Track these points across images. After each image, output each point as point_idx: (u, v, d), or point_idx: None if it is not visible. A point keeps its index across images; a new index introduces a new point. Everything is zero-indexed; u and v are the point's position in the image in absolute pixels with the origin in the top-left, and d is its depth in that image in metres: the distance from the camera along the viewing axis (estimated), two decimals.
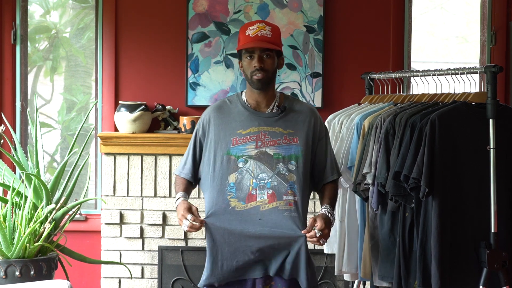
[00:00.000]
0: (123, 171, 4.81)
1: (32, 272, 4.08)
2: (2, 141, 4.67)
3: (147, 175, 4.81)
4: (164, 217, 4.82)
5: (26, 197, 4.24)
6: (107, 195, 4.81)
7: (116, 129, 4.92)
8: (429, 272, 3.30)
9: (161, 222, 4.81)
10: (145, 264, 4.83)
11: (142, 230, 4.83)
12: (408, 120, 3.44)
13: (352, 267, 3.96)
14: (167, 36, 4.98)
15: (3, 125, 4.68)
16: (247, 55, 3.15)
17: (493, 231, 3.31)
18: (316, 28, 4.94)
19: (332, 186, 3.28)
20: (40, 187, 4.29)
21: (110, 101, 4.97)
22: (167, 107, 4.90)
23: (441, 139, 3.29)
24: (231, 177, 3.13)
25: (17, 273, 4.06)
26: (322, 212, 3.15)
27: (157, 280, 4.83)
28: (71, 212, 4.43)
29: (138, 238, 4.83)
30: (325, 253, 4.22)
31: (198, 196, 4.73)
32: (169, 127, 4.91)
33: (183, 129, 4.81)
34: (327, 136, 3.29)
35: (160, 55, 4.99)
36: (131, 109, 4.76)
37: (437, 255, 3.26)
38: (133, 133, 4.78)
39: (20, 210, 4.18)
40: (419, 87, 4.03)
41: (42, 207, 4.22)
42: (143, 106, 4.77)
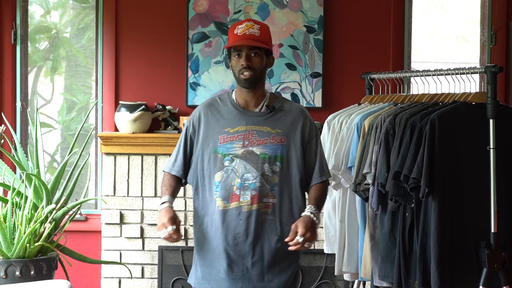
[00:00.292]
0: (123, 171, 4.82)
1: (32, 272, 4.08)
2: (3, 141, 4.67)
3: (147, 175, 4.82)
4: None
5: (27, 197, 4.24)
6: (107, 195, 4.82)
7: (116, 129, 4.92)
8: (429, 272, 3.30)
9: None
10: (145, 264, 4.83)
11: (142, 230, 4.83)
12: (408, 120, 3.45)
13: (352, 267, 3.96)
14: (167, 36, 4.99)
15: (3, 125, 4.68)
16: (235, 53, 3.12)
17: (493, 231, 3.32)
18: (316, 28, 4.95)
19: (319, 186, 3.18)
20: (40, 187, 4.30)
21: (110, 101, 4.97)
22: (167, 107, 4.90)
23: (441, 139, 3.29)
24: (217, 176, 3.10)
25: (17, 273, 4.06)
26: (304, 215, 3.07)
27: (157, 280, 4.83)
28: (71, 212, 4.43)
29: (138, 238, 4.83)
30: (325, 253, 4.22)
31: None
32: (169, 127, 4.91)
33: (183, 129, 4.80)
34: (317, 137, 3.21)
35: (160, 55, 4.99)
36: (131, 109, 4.76)
37: (437, 255, 3.26)
38: (133, 133, 4.78)
39: (20, 210, 4.18)
40: (419, 87, 4.03)
41: (42, 207, 4.22)
42: (143, 106, 4.78)
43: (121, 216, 4.82)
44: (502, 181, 3.37)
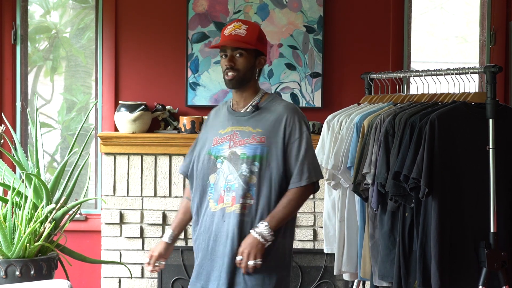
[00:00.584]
0: (123, 171, 4.82)
1: (32, 272, 4.08)
2: (2, 141, 4.67)
3: (147, 175, 4.82)
4: (164, 217, 4.83)
5: (26, 197, 4.24)
6: (107, 195, 4.82)
7: (116, 129, 4.92)
8: (429, 272, 3.30)
9: (161, 222, 4.82)
10: (145, 264, 4.83)
11: (142, 230, 4.84)
12: (408, 120, 3.45)
13: (352, 266, 3.96)
14: (167, 36, 4.99)
15: (3, 125, 4.69)
16: (221, 54, 3.09)
17: (492, 231, 3.32)
18: (316, 28, 4.95)
19: (291, 192, 3.03)
20: (40, 187, 4.30)
21: (110, 101, 4.97)
22: (167, 107, 4.90)
23: (440, 139, 3.29)
24: (211, 178, 3.09)
25: (17, 272, 4.06)
26: (248, 235, 3.01)
27: (157, 280, 4.83)
28: (71, 212, 4.43)
29: (138, 238, 4.83)
30: (325, 252, 4.23)
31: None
32: (169, 127, 4.92)
33: (183, 129, 4.81)
34: (302, 139, 3.05)
35: (160, 55, 4.99)
36: (131, 109, 4.77)
37: (437, 255, 3.26)
38: (133, 133, 4.78)
39: (20, 210, 4.18)
40: (418, 87, 4.03)
41: (42, 207, 4.22)
42: (143, 106, 4.78)
43: (121, 216, 4.82)
44: (502, 181, 3.37)
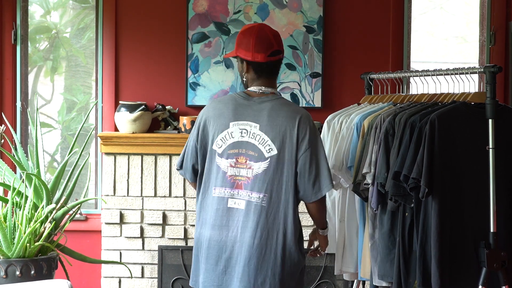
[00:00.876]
0: (123, 171, 4.82)
1: (33, 272, 4.09)
2: (3, 141, 4.68)
3: (147, 175, 4.82)
4: (164, 216, 4.83)
5: (27, 197, 4.24)
6: (107, 195, 4.82)
7: (116, 129, 4.93)
8: (429, 272, 3.30)
9: (161, 221, 4.82)
10: (145, 263, 4.84)
11: (142, 229, 4.84)
12: (408, 120, 3.45)
13: (352, 266, 3.96)
14: (167, 36, 4.99)
15: (3, 125, 4.69)
16: None
17: (492, 231, 3.32)
18: (316, 28, 4.95)
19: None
20: (41, 187, 4.30)
21: (110, 101, 4.98)
22: (167, 107, 4.90)
23: (440, 139, 3.29)
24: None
25: (18, 272, 4.07)
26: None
27: (157, 279, 4.83)
28: (71, 212, 4.43)
29: (138, 237, 4.84)
30: (325, 252, 4.23)
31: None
32: (169, 127, 4.92)
33: (183, 129, 4.81)
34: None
35: (160, 55, 5.00)
36: (131, 109, 4.77)
37: (437, 255, 3.26)
38: (133, 133, 4.78)
39: (20, 210, 4.19)
40: (418, 87, 4.04)
41: (43, 207, 4.23)
42: (143, 106, 4.78)
43: (121, 216, 4.83)
44: (502, 181, 3.37)
